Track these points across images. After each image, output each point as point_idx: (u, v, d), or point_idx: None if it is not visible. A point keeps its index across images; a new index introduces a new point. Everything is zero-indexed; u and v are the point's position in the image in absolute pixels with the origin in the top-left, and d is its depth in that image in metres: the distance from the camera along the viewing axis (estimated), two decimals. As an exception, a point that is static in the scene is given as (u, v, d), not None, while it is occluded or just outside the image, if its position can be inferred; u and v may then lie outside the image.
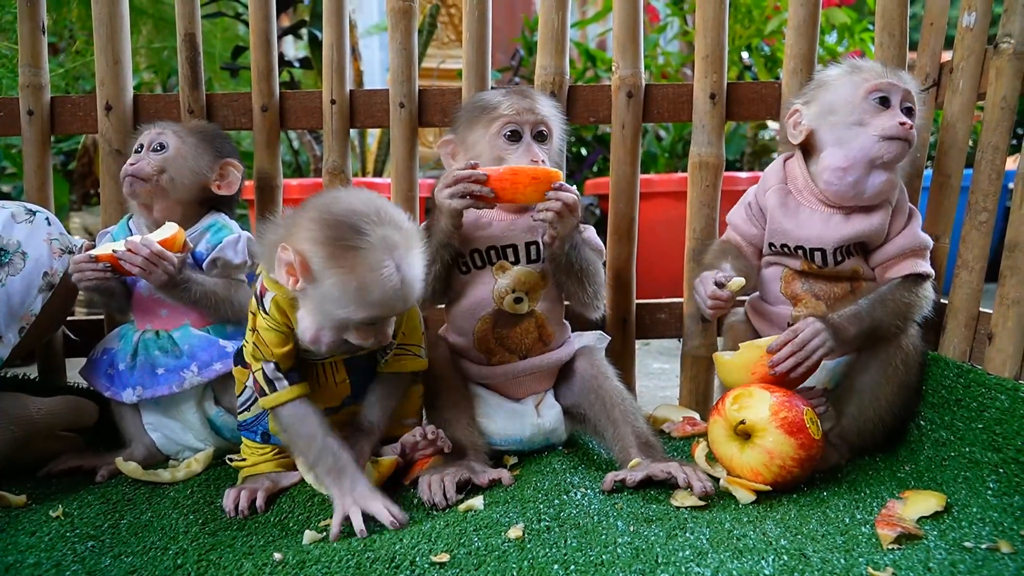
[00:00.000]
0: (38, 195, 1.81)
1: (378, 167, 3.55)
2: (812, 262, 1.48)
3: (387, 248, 1.16)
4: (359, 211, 1.17)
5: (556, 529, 1.14)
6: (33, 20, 1.79)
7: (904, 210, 1.48)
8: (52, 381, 1.81)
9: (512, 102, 1.47)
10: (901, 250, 1.45)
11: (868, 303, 1.40)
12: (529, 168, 1.39)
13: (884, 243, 1.47)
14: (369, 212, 1.17)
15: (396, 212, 1.22)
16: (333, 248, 1.15)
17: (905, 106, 1.43)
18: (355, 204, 1.19)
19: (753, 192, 1.57)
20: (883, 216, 1.45)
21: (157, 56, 3.60)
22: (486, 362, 1.50)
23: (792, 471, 1.27)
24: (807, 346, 1.33)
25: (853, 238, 1.45)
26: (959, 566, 0.99)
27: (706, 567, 1.00)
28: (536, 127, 1.48)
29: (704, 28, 1.77)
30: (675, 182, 3.42)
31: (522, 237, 1.47)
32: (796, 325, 1.36)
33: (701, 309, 1.44)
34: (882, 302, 1.41)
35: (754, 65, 3.80)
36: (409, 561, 1.03)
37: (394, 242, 1.17)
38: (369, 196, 1.22)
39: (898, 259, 1.46)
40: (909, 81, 1.46)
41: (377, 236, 1.16)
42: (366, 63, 4.70)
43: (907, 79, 1.46)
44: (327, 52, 1.82)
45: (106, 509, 1.29)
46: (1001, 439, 1.24)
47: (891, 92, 1.42)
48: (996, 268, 1.48)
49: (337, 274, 1.15)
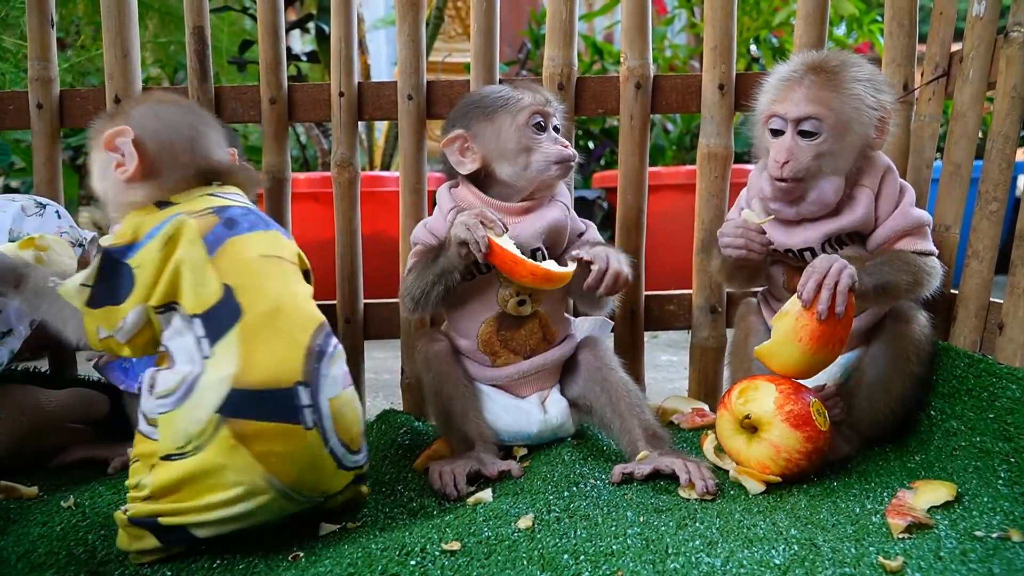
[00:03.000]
0: (48, 189, 1.81)
1: (385, 161, 3.56)
2: (805, 261, 1.48)
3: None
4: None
5: (566, 520, 1.14)
6: (42, 13, 1.79)
7: (890, 194, 1.44)
8: (63, 374, 1.82)
9: (532, 94, 1.47)
10: (893, 232, 1.42)
11: (875, 262, 1.36)
12: (530, 264, 1.35)
13: (875, 228, 1.44)
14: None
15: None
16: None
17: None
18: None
19: (744, 198, 1.57)
20: (863, 205, 1.42)
21: (164, 51, 3.61)
22: (491, 364, 1.50)
23: (799, 464, 1.26)
24: (828, 272, 1.27)
25: (836, 232, 1.43)
26: (970, 555, 0.99)
27: (716, 557, 1.00)
28: (552, 119, 1.48)
29: (713, 18, 1.77)
30: (683, 175, 3.42)
31: (527, 243, 1.45)
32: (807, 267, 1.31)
33: (730, 252, 1.41)
34: (889, 262, 1.37)
35: (762, 57, 3.79)
36: (419, 549, 1.03)
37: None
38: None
39: (892, 241, 1.43)
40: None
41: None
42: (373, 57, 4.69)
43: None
44: (335, 44, 1.82)
45: (118, 499, 1.29)
46: (1012, 428, 1.23)
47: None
48: (1006, 259, 1.48)
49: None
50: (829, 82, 1.37)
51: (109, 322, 1.08)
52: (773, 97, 1.40)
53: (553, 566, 0.99)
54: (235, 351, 1.03)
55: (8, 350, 1.40)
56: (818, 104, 1.36)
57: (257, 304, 1.06)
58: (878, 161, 1.45)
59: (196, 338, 1.05)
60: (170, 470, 1.03)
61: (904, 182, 1.47)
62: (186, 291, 1.06)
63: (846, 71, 1.38)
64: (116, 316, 1.07)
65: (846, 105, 1.37)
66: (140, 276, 1.07)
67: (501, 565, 1.00)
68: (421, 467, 1.43)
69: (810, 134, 1.37)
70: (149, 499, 1.04)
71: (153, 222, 1.10)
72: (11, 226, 1.42)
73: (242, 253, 1.10)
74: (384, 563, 1.00)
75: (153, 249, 1.07)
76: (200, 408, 1.02)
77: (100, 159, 1.21)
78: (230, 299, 1.05)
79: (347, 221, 1.85)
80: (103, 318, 1.08)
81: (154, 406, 1.05)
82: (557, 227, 1.48)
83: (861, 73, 1.40)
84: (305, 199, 2.95)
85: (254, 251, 1.12)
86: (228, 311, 1.05)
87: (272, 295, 1.09)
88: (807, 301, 1.26)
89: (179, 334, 1.07)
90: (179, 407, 1.03)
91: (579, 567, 0.99)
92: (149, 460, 1.05)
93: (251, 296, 1.07)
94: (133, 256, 1.07)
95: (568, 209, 1.52)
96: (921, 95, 1.74)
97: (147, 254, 1.07)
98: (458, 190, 1.51)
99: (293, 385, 1.04)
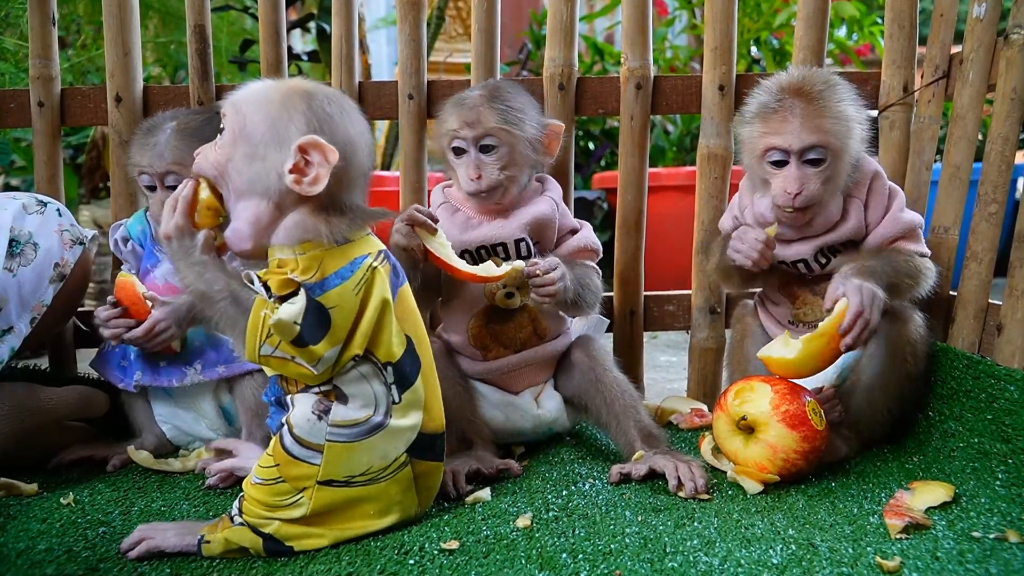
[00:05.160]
0: (49, 187, 1.81)
1: (385, 161, 3.56)
2: (799, 270, 1.49)
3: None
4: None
5: (564, 519, 1.14)
6: (43, 12, 1.79)
7: (878, 200, 1.45)
8: (63, 372, 1.82)
9: (459, 115, 1.44)
10: (884, 239, 1.44)
11: (879, 265, 1.36)
12: (464, 270, 1.34)
13: (866, 234, 1.45)
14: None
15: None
16: None
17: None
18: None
19: (737, 206, 1.57)
20: (854, 216, 1.43)
21: (165, 50, 3.60)
22: (482, 358, 1.50)
23: (796, 464, 1.27)
24: (867, 308, 1.28)
25: (829, 244, 1.44)
26: (967, 556, 0.99)
27: (714, 556, 1.01)
28: (480, 140, 1.44)
29: (713, 19, 1.77)
30: (682, 176, 3.42)
31: (511, 235, 1.46)
32: (839, 295, 1.30)
33: (741, 260, 1.42)
34: (891, 263, 1.38)
35: (763, 59, 3.80)
36: (418, 548, 1.04)
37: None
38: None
39: (885, 247, 1.44)
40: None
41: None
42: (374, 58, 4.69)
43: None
44: (336, 44, 1.83)
45: (117, 497, 1.30)
46: (1010, 430, 1.24)
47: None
48: (1005, 261, 1.48)
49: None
50: (819, 107, 1.37)
51: (306, 357, 1.04)
52: (765, 129, 1.39)
53: (551, 565, 0.99)
54: (420, 399, 1.12)
55: (8, 348, 1.40)
56: (818, 132, 1.36)
57: (426, 356, 1.14)
58: (865, 168, 1.45)
59: (386, 384, 1.08)
60: (332, 495, 1.06)
61: (893, 185, 1.47)
62: (384, 340, 1.08)
63: (831, 92, 1.38)
64: (312, 356, 1.03)
65: (841, 127, 1.38)
66: (336, 318, 1.03)
67: (499, 564, 1.00)
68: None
69: (816, 161, 1.37)
70: (300, 521, 1.06)
71: (340, 261, 1.05)
72: (12, 224, 1.42)
73: (409, 304, 1.15)
74: (383, 562, 1.00)
75: (347, 292, 1.04)
76: (390, 448, 1.09)
77: (275, 138, 1.05)
78: (412, 350, 1.12)
79: (347, 220, 1.85)
80: (301, 354, 1.04)
81: (322, 434, 1.06)
82: (542, 220, 1.48)
83: (842, 90, 1.40)
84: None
85: (413, 302, 1.17)
86: (412, 361, 1.11)
87: (426, 347, 1.16)
88: (851, 339, 1.28)
89: (364, 379, 1.07)
90: (359, 441, 1.06)
91: (577, 566, 0.99)
92: (300, 483, 1.06)
93: (423, 348, 1.14)
94: (323, 295, 1.03)
95: (556, 204, 1.52)
96: (921, 97, 1.74)
97: (341, 297, 1.03)
98: (451, 189, 1.54)
99: (443, 431, 1.17)
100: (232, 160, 1.06)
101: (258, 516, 1.06)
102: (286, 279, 1.03)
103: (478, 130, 1.43)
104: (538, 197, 1.51)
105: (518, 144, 1.45)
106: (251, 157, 1.05)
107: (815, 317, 1.45)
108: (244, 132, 1.06)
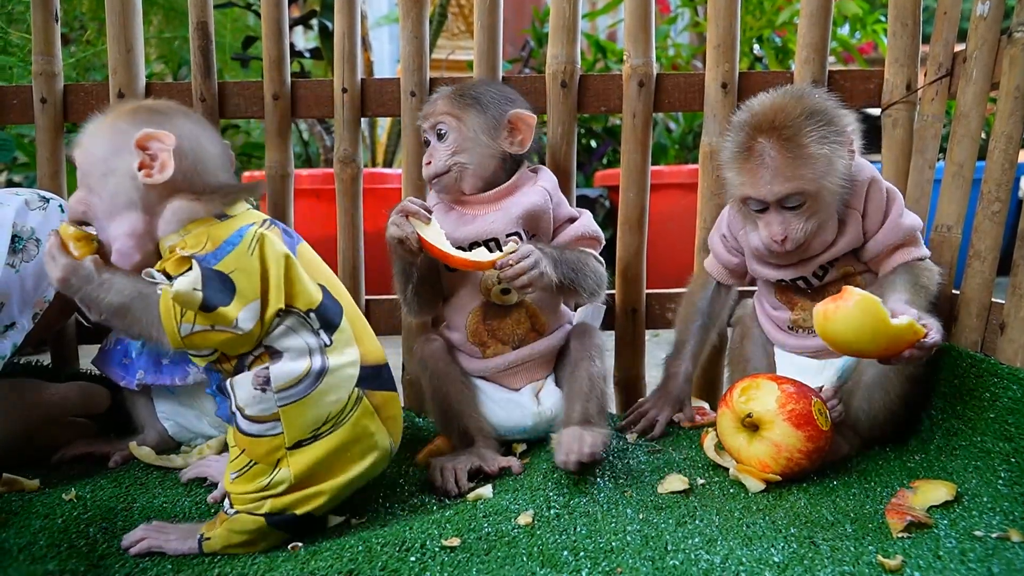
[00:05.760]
0: (51, 183, 1.81)
1: (388, 158, 3.56)
2: (799, 286, 1.49)
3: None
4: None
5: (566, 516, 1.14)
6: (47, 8, 1.79)
7: (876, 208, 1.42)
8: (65, 368, 1.82)
9: (424, 108, 1.52)
10: (885, 247, 1.43)
11: (912, 294, 1.36)
12: (458, 256, 1.35)
13: (865, 243, 1.44)
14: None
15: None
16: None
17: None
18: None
19: (726, 223, 1.57)
20: (852, 228, 1.42)
21: (168, 47, 3.60)
22: (480, 355, 1.50)
23: (800, 463, 1.27)
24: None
25: (828, 260, 1.44)
26: (969, 554, 0.99)
27: (715, 554, 1.01)
28: (435, 128, 1.50)
29: (716, 16, 1.77)
30: (685, 174, 3.42)
31: (503, 229, 1.46)
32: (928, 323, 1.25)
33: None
34: (919, 287, 1.39)
35: (765, 56, 3.79)
36: (419, 544, 1.04)
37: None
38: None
39: (886, 255, 1.44)
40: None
41: None
42: (376, 55, 4.70)
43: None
44: (339, 40, 1.82)
45: (118, 493, 1.30)
46: (1013, 429, 1.23)
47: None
48: (1008, 259, 1.48)
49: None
50: (792, 150, 1.31)
51: (221, 320, 1.06)
52: (740, 179, 1.36)
53: (553, 562, 0.99)
54: (350, 336, 1.15)
55: (11, 343, 1.40)
56: (793, 180, 1.32)
57: (343, 298, 1.18)
58: (860, 177, 1.42)
59: (314, 330, 1.11)
60: (307, 454, 1.09)
61: (891, 187, 1.46)
62: (300, 291, 1.11)
63: (802, 127, 1.31)
64: (227, 319, 1.06)
65: (818, 167, 1.32)
66: (239, 280, 1.07)
67: (501, 561, 1.00)
68: (423, 461, 1.43)
69: (796, 206, 1.35)
70: (290, 490, 1.09)
71: (225, 232, 1.09)
72: (15, 220, 1.42)
73: (312, 257, 1.20)
74: (384, 559, 1.00)
75: (242, 256, 1.08)
76: (339, 388, 1.12)
77: (115, 150, 1.12)
78: (328, 295, 1.15)
79: (349, 217, 1.85)
80: (216, 319, 1.06)
81: (272, 403, 1.08)
82: (534, 211, 1.48)
83: (816, 119, 1.32)
84: (307, 195, 2.96)
85: (316, 256, 1.21)
86: (332, 305, 1.15)
87: (342, 290, 1.20)
88: (917, 356, 1.24)
89: (293, 331, 1.10)
90: (309, 394, 1.09)
91: (579, 563, 0.99)
92: (272, 456, 1.09)
93: (338, 291, 1.18)
94: (218, 264, 1.07)
95: (549, 194, 1.51)
96: (924, 95, 1.73)
97: (237, 261, 1.07)
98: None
99: (386, 361, 1.21)
100: (91, 190, 1.13)
101: (249, 503, 1.08)
102: (179, 258, 1.07)
103: (431, 120, 1.50)
104: (530, 187, 1.51)
105: (467, 129, 1.47)
106: (104, 176, 1.12)
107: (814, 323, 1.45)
108: (91, 161, 1.13)
